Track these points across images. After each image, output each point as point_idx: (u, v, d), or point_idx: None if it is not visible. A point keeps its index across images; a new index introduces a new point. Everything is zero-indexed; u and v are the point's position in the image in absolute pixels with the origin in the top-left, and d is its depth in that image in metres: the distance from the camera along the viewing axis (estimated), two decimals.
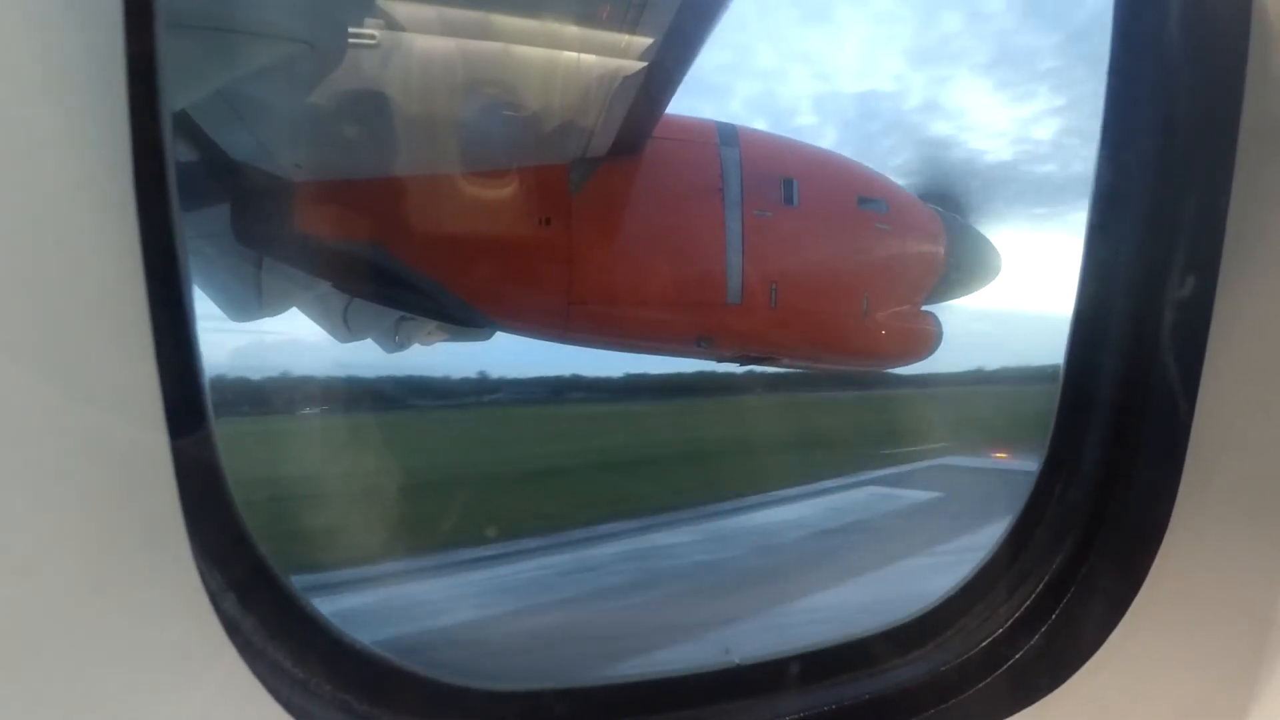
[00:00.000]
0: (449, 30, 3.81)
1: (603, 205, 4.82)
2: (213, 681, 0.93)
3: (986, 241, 6.45)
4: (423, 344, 6.24)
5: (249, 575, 1.01)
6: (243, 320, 4.95)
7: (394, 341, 6.02)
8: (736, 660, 1.34)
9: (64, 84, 0.77)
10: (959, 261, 6.05)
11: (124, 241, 0.81)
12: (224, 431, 0.98)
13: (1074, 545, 1.35)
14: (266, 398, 5.82)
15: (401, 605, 5.01)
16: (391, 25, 3.76)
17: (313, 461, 5.55)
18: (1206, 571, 1.27)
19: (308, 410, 6.04)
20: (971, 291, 6.52)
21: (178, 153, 0.91)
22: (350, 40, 3.71)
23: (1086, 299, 1.33)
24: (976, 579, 1.43)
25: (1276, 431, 1.24)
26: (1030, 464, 1.48)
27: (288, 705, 0.97)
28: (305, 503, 4.88)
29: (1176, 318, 1.22)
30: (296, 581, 1.11)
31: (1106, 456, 1.33)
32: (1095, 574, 1.32)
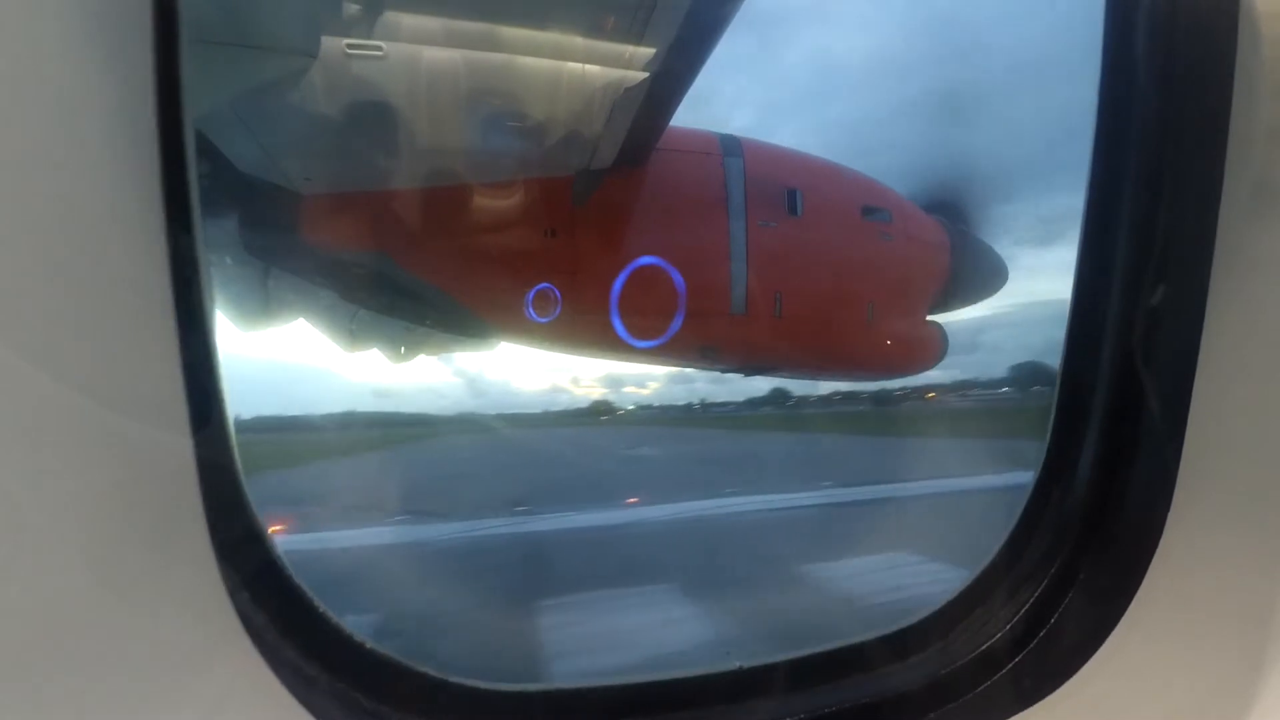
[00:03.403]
0: (455, 43, 3.85)
1: (607, 217, 4.86)
2: (227, 674, 0.96)
3: (991, 251, 6.46)
4: (428, 354, 6.26)
5: (264, 573, 1.04)
6: (250, 330, 4.99)
7: (399, 352, 6.05)
8: (737, 663, 1.35)
9: (96, 101, 0.81)
10: (963, 271, 6.06)
11: (150, 250, 0.84)
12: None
13: (1071, 549, 1.36)
14: None
15: None
16: (398, 38, 3.81)
17: None
18: (1203, 573, 1.28)
19: None
20: (976, 301, 6.53)
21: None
22: (357, 54, 3.76)
23: (1082, 304, 1.36)
24: (976, 583, 1.44)
25: (1270, 433, 1.25)
26: None
27: (299, 699, 1.00)
28: None
29: (1169, 321, 1.24)
30: None
31: (1103, 461, 1.34)
32: (1092, 577, 1.33)
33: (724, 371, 6.17)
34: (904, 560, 7.02)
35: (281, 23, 3.46)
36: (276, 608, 1.03)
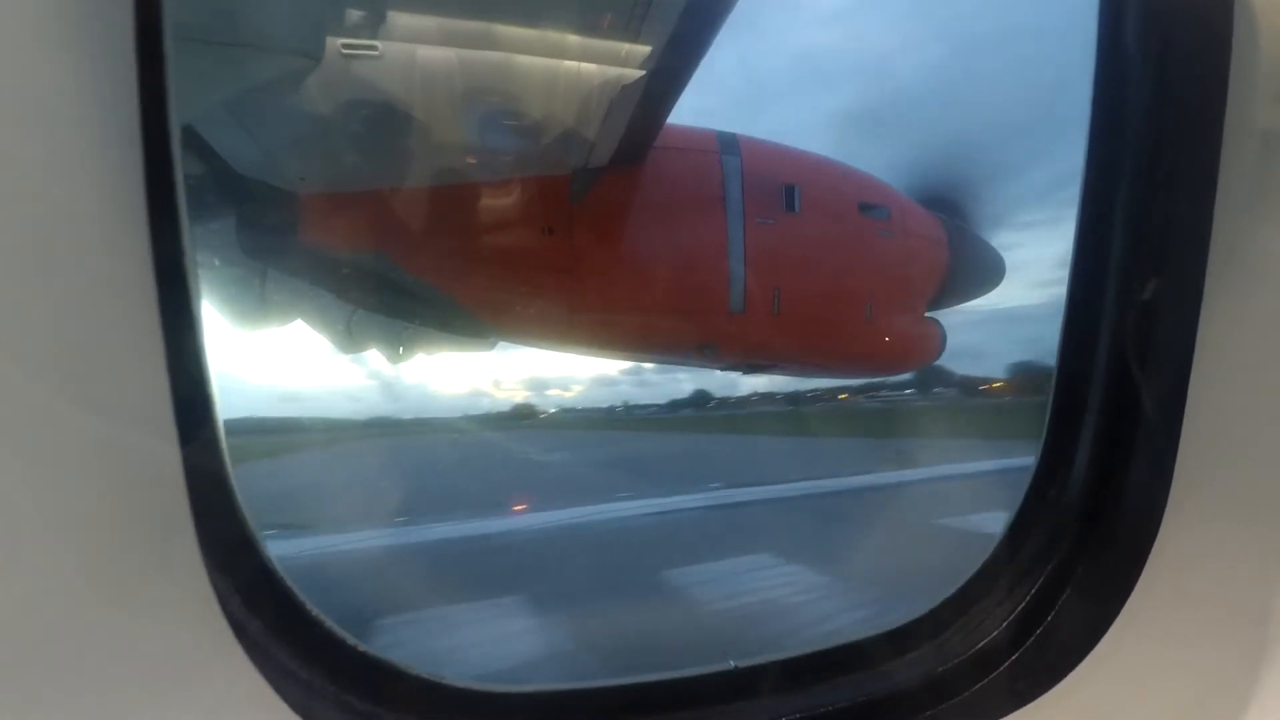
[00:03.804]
0: (451, 41, 3.84)
1: (605, 214, 4.84)
2: (221, 681, 0.95)
3: (989, 247, 6.44)
4: (426, 355, 6.25)
5: (255, 578, 1.04)
6: (247, 331, 4.99)
7: (397, 353, 6.04)
8: (732, 662, 1.35)
9: (77, 101, 0.80)
10: (962, 267, 6.05)
11: (136, 253, 0.83)
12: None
13: (1068, 547, 1.36)
14: None
15: None
16: (394, 37, 3.80)
17: None
18: (1200, 571, 1.28)
19: None
20: (975, 297, 6.52)
21: (183, 166, 0.94)
22: (353, 52, 3.75)
23: (1077, 302, 1.35)
24: (972, 581, 1.44)
25: (1265, 431, 1.25)
26: None
27: (293, 705, 0.99)
28: None
29: (1165, 320, 1.23)
30: None
31: (1099, 459, 1.34)
32: (1088, 575, 1.33)
33: (722, 369, 6.16)
34: (765, 563, 7.16)
35: (284, 24, 3.46)
36: (269, 613, 1.03)
